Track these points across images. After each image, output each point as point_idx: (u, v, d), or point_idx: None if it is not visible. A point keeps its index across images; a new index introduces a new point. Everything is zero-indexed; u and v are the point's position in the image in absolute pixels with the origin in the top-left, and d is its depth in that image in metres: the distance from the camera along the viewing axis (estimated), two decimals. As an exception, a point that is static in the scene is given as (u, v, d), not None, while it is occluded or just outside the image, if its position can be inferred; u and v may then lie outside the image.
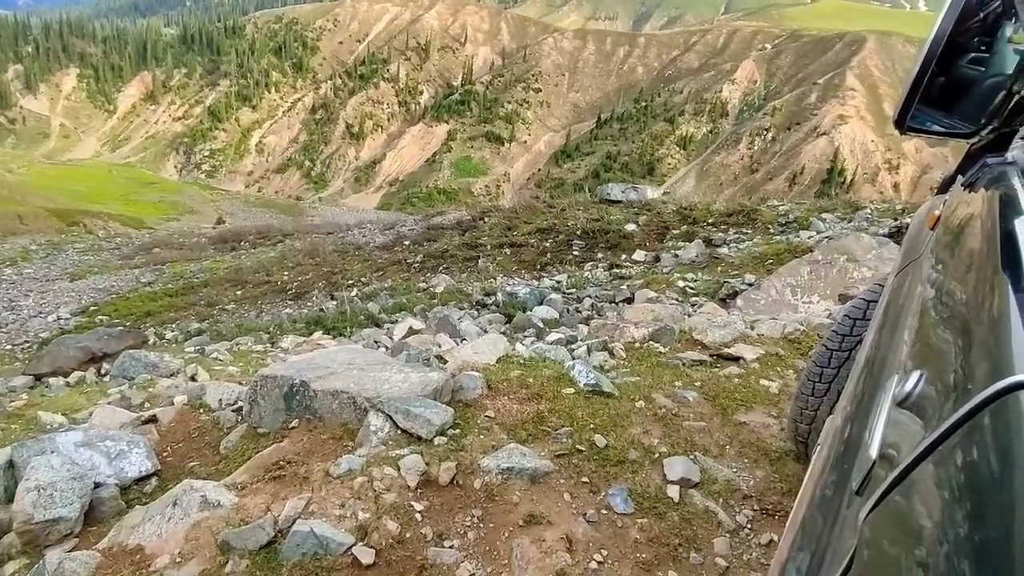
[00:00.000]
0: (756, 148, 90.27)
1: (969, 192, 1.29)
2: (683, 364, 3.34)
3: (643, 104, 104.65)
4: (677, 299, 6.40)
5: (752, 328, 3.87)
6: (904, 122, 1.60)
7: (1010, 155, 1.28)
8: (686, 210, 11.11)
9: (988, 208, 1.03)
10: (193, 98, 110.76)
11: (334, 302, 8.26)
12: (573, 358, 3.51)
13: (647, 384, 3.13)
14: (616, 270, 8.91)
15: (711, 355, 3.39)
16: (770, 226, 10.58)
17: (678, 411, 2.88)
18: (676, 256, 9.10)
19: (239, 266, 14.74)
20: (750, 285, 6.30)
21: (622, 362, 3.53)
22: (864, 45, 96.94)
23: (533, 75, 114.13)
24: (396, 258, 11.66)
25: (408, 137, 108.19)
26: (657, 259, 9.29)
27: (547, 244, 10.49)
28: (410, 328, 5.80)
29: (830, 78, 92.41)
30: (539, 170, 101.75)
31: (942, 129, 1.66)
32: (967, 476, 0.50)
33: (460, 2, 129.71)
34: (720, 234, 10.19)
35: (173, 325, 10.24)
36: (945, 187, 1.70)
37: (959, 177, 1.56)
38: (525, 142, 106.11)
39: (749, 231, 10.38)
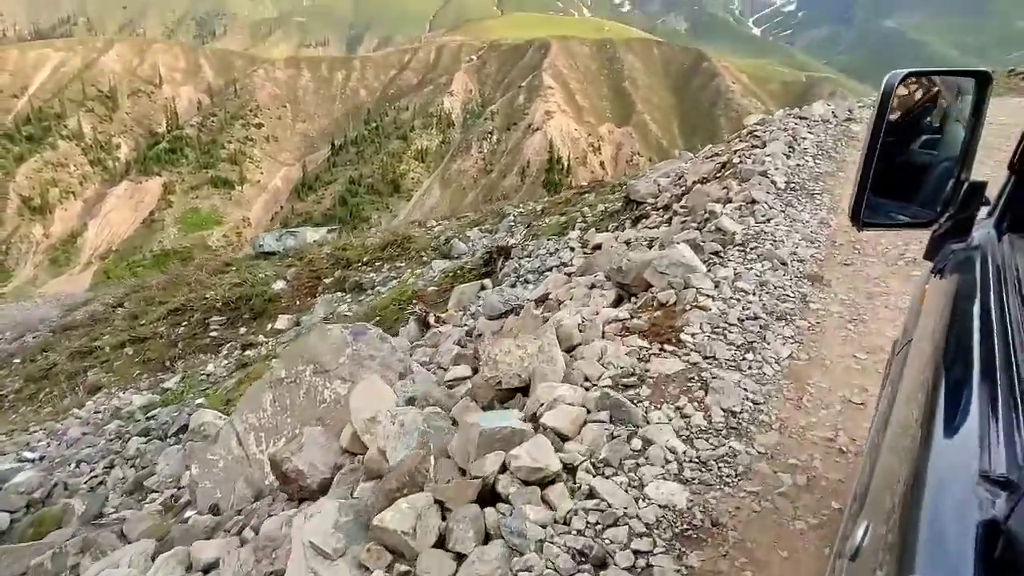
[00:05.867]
0: (486, 150, 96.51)
1: (939, 279, 1.37)
2: None
3: (374, 125, 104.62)
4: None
5: None
6: (859, 218, 1.45)
7: (974, 240, 1.30)
8: (340, 251, 10.50)
9: (949, 297, 1.08)
10: None
11: None
12: None
13: None
14: (249, 352, 7.84)
15: None
16: (423, 253, 10.50)
17: None
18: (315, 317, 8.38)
19: None
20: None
21: None
22: (550, 49, 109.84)
23: (251, 110, 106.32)
24: (-16, 391, 9.04)
25: (112, 200, 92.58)
26: (298, 323, 8.46)
27: (180, 329, 8.97)
28: None
29: (531, 80, 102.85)
30: (281, 208, 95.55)
31: (904, 219, 1.57)
32: None
33: (144, 42, 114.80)
34: (372, 274, 9.77)
35: None
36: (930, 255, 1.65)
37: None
38: (259, 181, 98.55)
39: (402, 264, 10.15)
